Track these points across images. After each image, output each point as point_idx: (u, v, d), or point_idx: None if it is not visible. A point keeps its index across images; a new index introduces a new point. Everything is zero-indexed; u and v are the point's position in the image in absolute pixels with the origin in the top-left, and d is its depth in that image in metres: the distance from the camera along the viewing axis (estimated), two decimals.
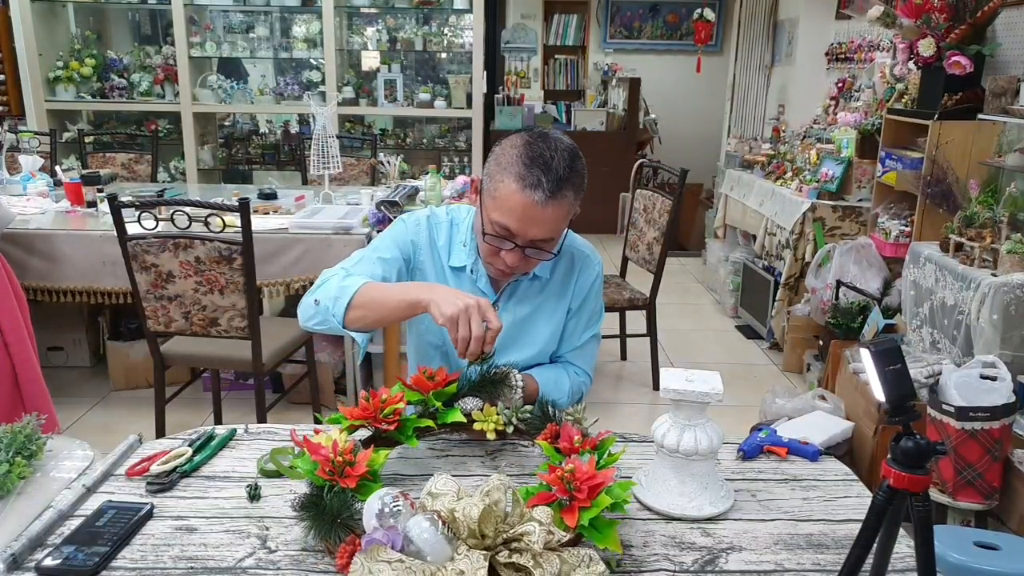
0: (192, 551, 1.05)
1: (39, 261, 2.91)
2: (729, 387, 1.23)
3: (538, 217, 1.30)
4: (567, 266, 1.53)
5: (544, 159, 1.29)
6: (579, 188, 1.35)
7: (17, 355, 2.25)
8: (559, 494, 1.01)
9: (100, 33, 5.37)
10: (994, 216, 2.49)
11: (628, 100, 6.45)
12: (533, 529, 0.94)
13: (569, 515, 0.99)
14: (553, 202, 1.29)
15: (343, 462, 1.06)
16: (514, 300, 1.52)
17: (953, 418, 2.09)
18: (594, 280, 1.55)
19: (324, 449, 1.09)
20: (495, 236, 1.34)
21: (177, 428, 1.92)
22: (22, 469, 1.17)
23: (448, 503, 0.99)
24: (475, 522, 0.94)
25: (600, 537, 0.99)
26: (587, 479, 1.01)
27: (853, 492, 1.25)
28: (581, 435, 1.15)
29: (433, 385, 1.27)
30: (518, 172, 1.30)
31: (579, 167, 1.34)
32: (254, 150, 5.57)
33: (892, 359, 0.86)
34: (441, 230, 1.52)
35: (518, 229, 1.31)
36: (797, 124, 4.84)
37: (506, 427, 1.25)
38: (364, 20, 5.44)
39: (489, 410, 1.27)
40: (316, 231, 2.96)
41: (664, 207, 3.42)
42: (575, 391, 1.52)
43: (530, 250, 1.35)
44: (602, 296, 1.62)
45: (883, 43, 4.01)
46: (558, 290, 1.53)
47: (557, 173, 1.29)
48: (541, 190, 1.28)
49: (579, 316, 1.55)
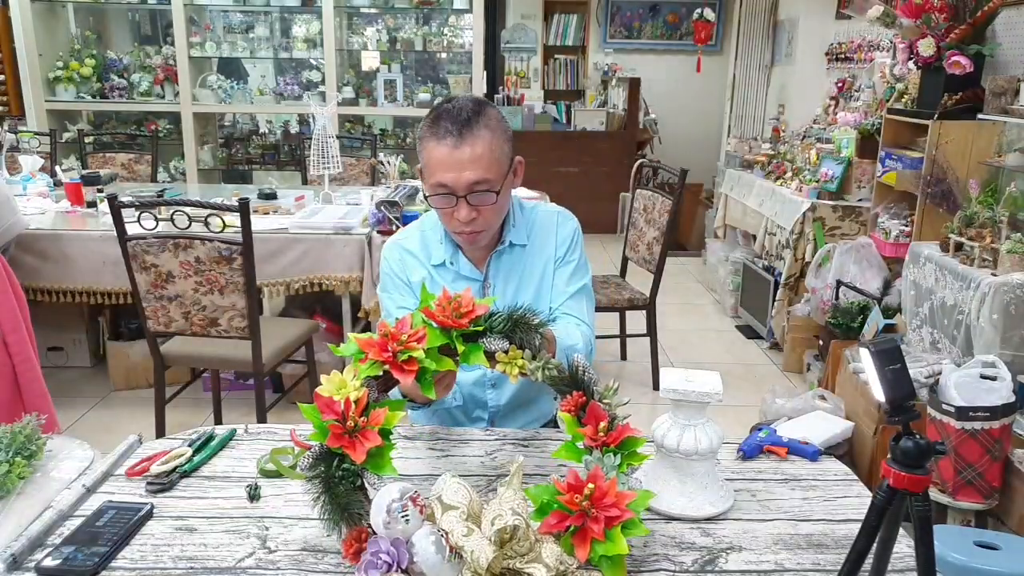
0: (192, 551, 1.05)
1: (39, 261, 2.92)
2: (729, 387, 1.23)
3: (459, 160, 1.37)
4: (544, 227, 1.59)
5: (447, 112, 1.39)
6: (496, 128, 1.41)
7: (17, 355, 2.25)
8: (574, 521, 0.97)
9: (100, 33, 5.37)
10: (994, 216, 2.48)
11: (628, 100, 6.44)
12: (540, 575, 0.93)
13: (580, 548, 0.96)
14: (466, 142, 1.37)
15: (355, 426, 1.01)
16: (501, 273, 1.56)
17: (953, 418, 2.09)
18: (573, 231, 1.61)
19: (336, 404, 1.02)
20: (438, 196, 1.41)
21: (177, 428, 1.92)
22: (22, 469, 1.17)
23: (459, 527, 0.96)
24: (483, 569, 0.92)
25: (609, 565, 0.97)
26: (606, 506, 0.97)
27: (853, 492, 1.24)
28: (608, 421, 1.10)
29: (458, 323, 1.12)
30: (431, 132, 1.39)
31: (487, 111, 1.41)
32: (254, 150, 5.57)
33: (892, 359, 0.86)
34: (411, 242, 1.59)
35: (451, 180, 1.38)
36: (797, 124, 4.84)
37: (531, 374, 1.15)
38: (364, 20, 5.44)
39: (515, 352, 1.16)
40: (316, 231, 2.96)
41: (664, 207, 3.41)
42: (586, 339, 1.52)
43: (472, 196, 1.39)
44: (584, 252, 1.65)
45: (883, 43, 4.01)
46: (543, 252, 1.58)
47: (461, 118, 1.38)
48: (451, 135, 1.37)
49: (564, 266, 1.59)
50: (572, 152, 6.39)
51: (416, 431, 1.42)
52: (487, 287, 1.56)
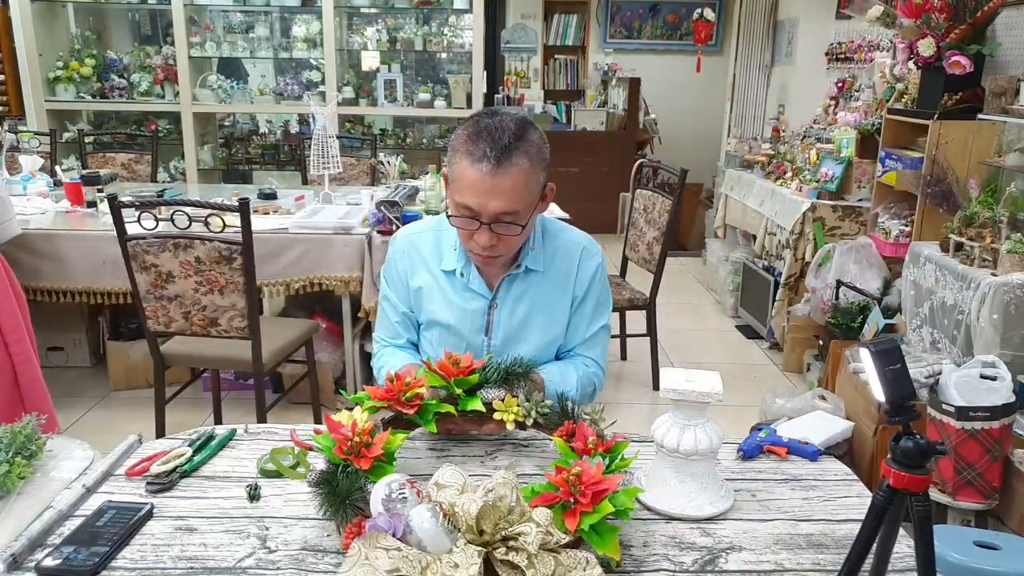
0: (192, 551, 1.05)
1: (39, 261, 2.91)
2: (729, 387, 1.23)
3: (491, 188, 1.31)
4: (566, 258, 1.53)
5: (488, 131, 1.32)
6: (535, 157, 1.35)
7: (17, 355, 2.25)
8: (563, 496, 1.01)
9: (100, 33, 5.37)
10: (994, 216, 2.48)
11: (628, 100, 6.45)
12: (530, 530, 0.94)
13: (570, 518, 0.99)
14: (502, 171, 1.30)
15: (360, 443, 1.07)
16: (511, 297, 1.52)
17: (953, 418, 2.09)
18: (596, 269, 1.54)
19: (344, 428, 1.10)
20: (461, 218, 1.36)
21: (177, 428, 1.92)
22: (22, 469, 1.17)
23: (451, 496, 0.99)
24: (472, 518, 0.94)
25: (600, 542, 0.99)
26: (592, 483, 1.01)
27: (853, 492, 1.24)
28: (597, 436, 1.15)
29: (457, 372, 1.26)
30: (466, 149, 1.33)
31: (530, 136, 1.35)
32: (254, 150, 5.57)
33: (892, 359, 0.86)
34: (423, 240, 1.55)
35: (478, 205, 1.33)
36: (797, 124, 4.84)
37: (526, 419, 1.25)
38: (364, 20, 5.44)
39: (510, 401, 1.26)
40: (316, 231, 2.96)
41: (664, 207, 3.42)
42: (585, 382, 1.51)
43: (496, 225, 1.35)
44: (608, 287, 1.60)
45: (883, 43, 4.01)
46: (559, 282, 1.52)
47: (502, 142, 1.30)
48: (488, 161, 1.30)
49: (584, 307, 1.54)
50: (572, 152, 6.39)
51: (416, 431, 1.42)
52: (494, 308, 1.52)
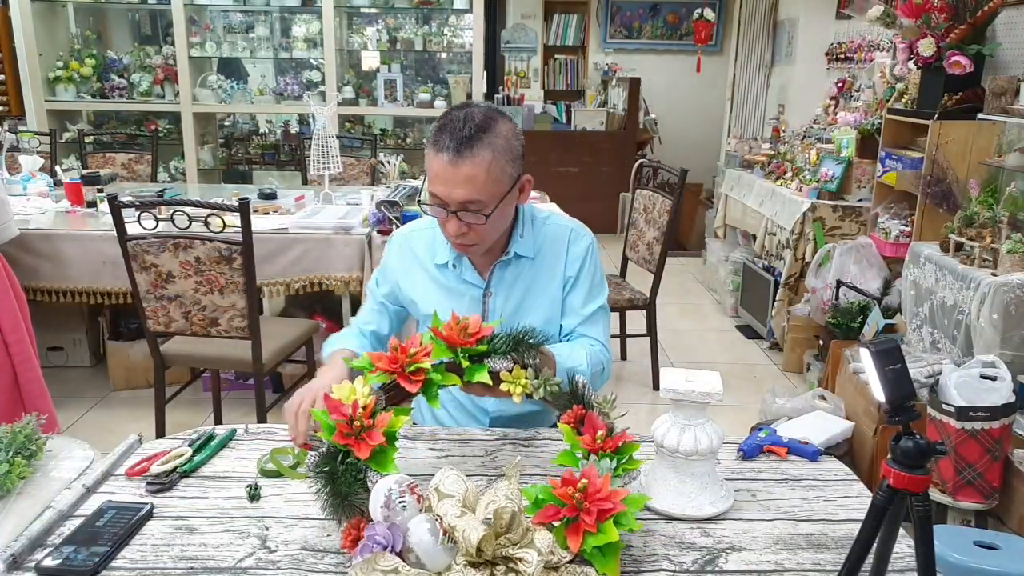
0: (192, 551, 1.05)
1: (39, 261, 2.91)
2: (729, 387, 1.23)
3: (453, 177, 1.33)
4: (555, 242, 1.55)
5: (452, 122, 1.35)
6: (500, 148, 1.35)
7: (17, 355, 2.25)
8: (567, 513, 0.98)
9: (100, 33, 5.37)
10: (994, 216, 2.48)
11: (628, 100, 6.44)
12: (531, 559, 0.93)
13: (573, 538, 0.97)
14: (463, 160, 1.32)
15: (361, 426, 1.05)
16: (504, 283, 1.53)
17: (953, 418, 2.09)
18: (587, 249, 1.57)
19: (344, 407, 1.06)
20: (431, 206, 1.40)
21: (177, 428, 1.92)
22: (22, 469, 1.17)
23: (453, 510, 0.97)
24: (473, 547, 0.93)
25: (603, 561, 0.97)
26: (598, 499, 0.98)
27: (853, 492, 1.25)
28: (606, 430, 1.12)
29: (464, 341, 1.18)
30: (434, 139, 1.36)
31: (496, 127, 1.36)
32: (254, 150, 5.57)
33: (892, 359, 0.86)
34: (419, 237, 1.58)
35: (443, 193, 1.35)
36: (797, 124, 4.84)
37: (534, 392, 1.19)
38: (364, 20, 5.44)
39: (518, 372, 1.20)
40: (316, 231, 2.96)
41: (664, 207, 3.42)
42: (594, 360, 1.49)
43: (463, 214, 1.37)
44: (601, 269, 1.60)
45: (883, 43, 4.01)
46: (550, 265, 1.54)
47: (462, 133, 1.33)
48: (448, 151, 1.33)
49: (578, 287, 1.55)
50: (572, 152, 6.39)
51: (416, 431, 1.42)
52: (488, 296, 1.53)
